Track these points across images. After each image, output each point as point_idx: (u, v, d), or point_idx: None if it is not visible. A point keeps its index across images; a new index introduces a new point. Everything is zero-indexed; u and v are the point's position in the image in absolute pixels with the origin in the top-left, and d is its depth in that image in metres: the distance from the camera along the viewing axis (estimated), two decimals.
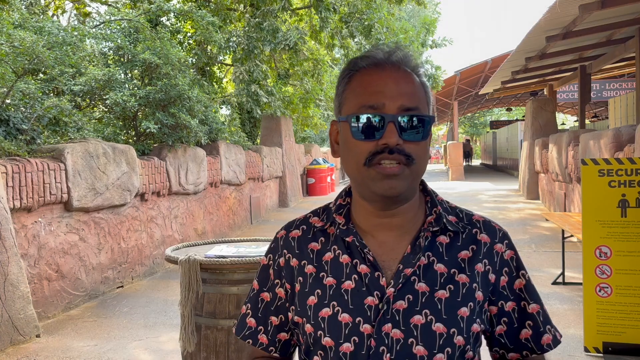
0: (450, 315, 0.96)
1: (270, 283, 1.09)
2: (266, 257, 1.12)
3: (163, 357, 3.99)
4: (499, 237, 1.05)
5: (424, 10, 29.68)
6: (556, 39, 7.83)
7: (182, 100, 7.46)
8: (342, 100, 1.01)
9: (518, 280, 1.04)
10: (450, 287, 0.98)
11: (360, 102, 0.96)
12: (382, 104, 0.94)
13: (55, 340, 4.36)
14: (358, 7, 10.30)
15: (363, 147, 0.95)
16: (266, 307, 1.09)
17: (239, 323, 1.13)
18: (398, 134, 0.93)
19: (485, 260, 1.02)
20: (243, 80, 10.26)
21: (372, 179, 0.95)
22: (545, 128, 12.65)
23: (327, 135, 24.33)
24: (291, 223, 1.13)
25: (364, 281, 0.98)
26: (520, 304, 1.03)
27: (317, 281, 1.02)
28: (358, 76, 0.99)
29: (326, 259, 1.03)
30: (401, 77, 0.97)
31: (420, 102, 0.97)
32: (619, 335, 3.83)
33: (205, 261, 2.70)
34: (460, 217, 1.06)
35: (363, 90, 0.97)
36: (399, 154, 0.93)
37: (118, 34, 8.06)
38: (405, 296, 0.96)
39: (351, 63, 1.02)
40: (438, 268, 0.99)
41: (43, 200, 4.84)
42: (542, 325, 1.03)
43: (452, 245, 1.02)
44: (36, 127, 5.51)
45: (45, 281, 4.91)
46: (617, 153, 6.09)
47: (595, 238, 3.93)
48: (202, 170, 8.25)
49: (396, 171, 0.94)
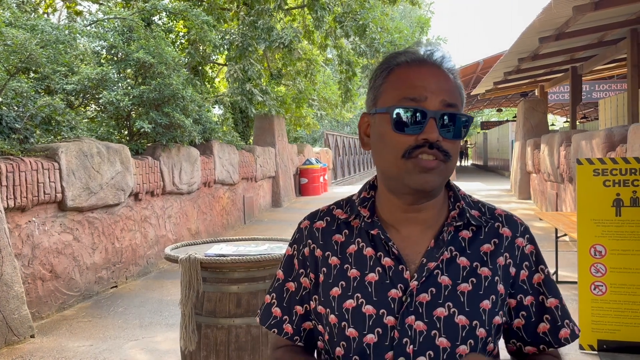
0: (473, 307, 0.97)
1: (295, 273, 1.10)
2: (291, 247, 1.13)
3: (159, 357, 3.97)
4: (521, 232, 1.07)
5: (416, 10, 29.82)
6: (549, 40, 7.89)
7: (176, 100, 7.43)
8: (379, 93, 1.01)
9: (537, 274, 1.06)
10: (473, 280, 0.99)
11: (402, 94, 0.96)
12: (425, 97, 0.95)
13: (50, 341, 4.33)
14: (352, 7, 10.32)
15: (402, 139, 0.95)
16: (291, 297, 1.10)
17: (263, 312, 1.14)
18: (438, 130, 0.94)
19: (507, 254, 1.03)
20: (237, 79, 10.24)
21: (408, 172, 0.95)
22: (537, 128, 12.74)
23: (319, 135, 24.33)
24: (314, 214, 1.14)
25: (387, 274, 0.99)
26: (539, 298, 1.04)
27: (341, 273, 1.03)
28: (398, 70, 0.99)
29: (350, 251, 1.04)
30: (442, 75, 0.98)
31: (458, 101, 0.99)
32: (614, 333, 3.87)
33: (206, 260, 2.69)
34: (483, 211, 1.08)
35: (404, 83, 0.97)
36: (438, 150, 0.94)
37: (111, 32, 8.00)
38: (428, 289, 0.98)
39: (391, 57, 1.02)
40: (461, 262, 1.00)
41: (37, 200, 4.80)
42: (560, 319, 1.04)
43: (475, 239, 1.03)
44: (29, 126, 5.46)
45: (39, 281, 4.87)
46: (609, 153, 6.15)
47: (590, 237, 3.97)
48: (195, 170, 8.22)
49: (433, 166, 0.95)
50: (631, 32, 7.79)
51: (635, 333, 3.82)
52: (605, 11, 6.55)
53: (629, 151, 5.38)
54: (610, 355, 3.81)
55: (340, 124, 28.23)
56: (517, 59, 9.82)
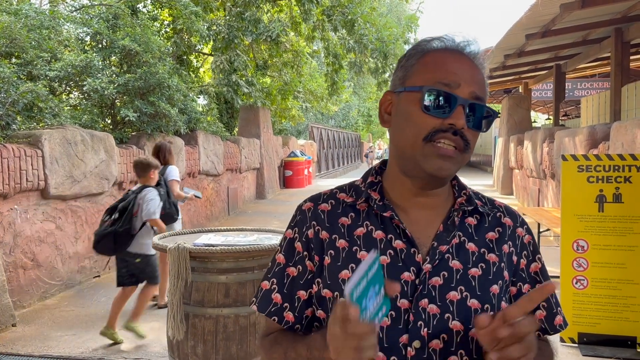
0: (484, 291, 0.99)
1: (298, 256, 1.07)
2: (292, 230, 1.09)
3: (144, 346, 3.95)
4: (520, 222, 1.10)
5: (402, 5, 29.83)
6: (535, 37, 7.96)
7: (161, 89, 7.35)
8: (409, 73, 1.00)
9: (534, 263, 1.08)
10: (482, 266, 1.01)
11: (436, 77, 0.96)
12: (458, 84, 0.95)
13: (32, 330, 4.27)
14: (340, 1, 10.28)
15: (428, 121, 0.95)
16: (293, 282, 1.07)
17: (262, 299, 1.09)
18: (465, 119, 0.95)
19: (510, 242, 1.06)
20: (224, 70, 10.16)
21: (425, 155, 0.96)
22: (521, 125, 12.88)
23: (304, 128, 24.28)
24: (317, 196, 1.11)
25: (399, 256, 0.99)
26: (536, 286, 1.07)
27: (351, 255, 1.01)
28: (434, 54, 0.99)
29: (358, 234, 1.03)
30: (475, 67, 0.99)
31: (485, 95, 1.00)
32: (594, 327, 3.95)
33: (195, 249, 2.68)
34: (484, 201, 1.10)
35: (440, 67, 0.97)
36: (461, 138, 0.95)
37: (96, 19, 7.88)
38: (440, 273, 0.98)
39: (426, 41, 1.02)
40: (469, 247, 1.02)
41: (19, 187, 4.72)
42: (554, 306, 1.08)
43: (480, 227, 1.05)
44: (11, 112, 5.36)
45: (20, 270, 4.80)
46: (591, 150, 6.24)
47: (573, 232, 4.03)
48: (180, 160, 8.15)
49: (451, 153, 0.95)
50: (615, 31, 7.90)
51: (615, 326, 3.90)
52: (591, 9, 6.63)
53: (611, 148, 5.47)
54: (590, 347, 3.89)
55: (325, 117, 28.21)
56: (503, 55, 9.89)
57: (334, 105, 19.52)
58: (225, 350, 2.74)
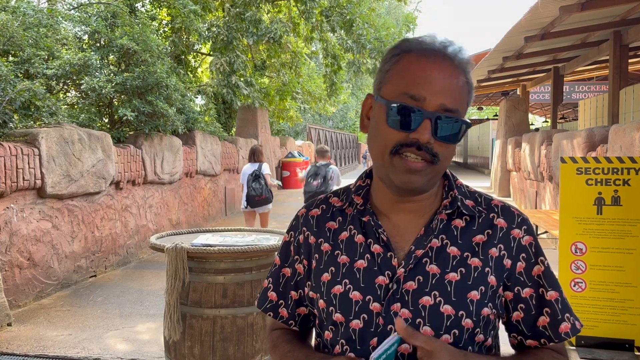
0: (460, 297, 0.97)
1: (291, 259, 1.13)
2: (288, 234, 1.16)
3: (140, 347, 3.92)
4: (517, 223, 1.05)
5: (401, 7, 29.84)
6: (534, 39, 7.96)
7: (159, 88, 7.32)
8: (385, 79, 0.99)
9: (537, 266, 1.03)
10: (462, 270, 0.98)
11: (403, 88, 0.94)
12: (424, 98, 0.92)
13: (27, 329, 4.25)
14: (339, 1, 10.27)
15: (393, 135, 0.94)
16: (287, 282, 1.13)
17: (261, 296, 1.17)
18: (431, 132, 0.92)
19: (501, 245, 1.02)
20: (223, 71, 10.13)
21: (394, 168, 0.95)
22: (519, 127, 12.89)
23: (301, 128, 24.28)
24: (312, 202, 1.15)
25: (376, 261, 1.00)
26: (539, 290, 1.03)
27: (332, 259, 1.04)
28: (408, 58, 0.96)
29: (342, 238, 1.05)
30: (451, 72, 0.94)
31: (461, 103, 0.95)
32: (592, 329, 3.94)
33: (193, 249, 2.66)
34: (479, 201, 1.07)
35: (408, 76, 0.94)
36: (426, 152, 0.93)
37: (94, 17, 7.84)
38: (415, 277, 0.98)
39: (404, 43, 0.99)
40: (451, 251, 1.00)
41: (16, 186, 4.69)
42: (560, 313, 1.02)
43: (467, 229, 1.02)
44: (8, 110, 5.33)
45: (16, 269, 4.77)
46: (589, 153, 6.24)
47: (571, 234, 4.02)
48: (177, 160, 8.13)
49: (419, 167, 0.94)
50: (614, 34, 7.90)
51: (613, 329, 3.90)
52: (590, 12, 6.63)
53: (610, 151, 5.47)
54: (588, 350, 3.88)
55: (323, 118, 28.20)
56: (501, 58, 9.90)
57: (332, 107, 19.52)
58: (223, 351, 2.72)
